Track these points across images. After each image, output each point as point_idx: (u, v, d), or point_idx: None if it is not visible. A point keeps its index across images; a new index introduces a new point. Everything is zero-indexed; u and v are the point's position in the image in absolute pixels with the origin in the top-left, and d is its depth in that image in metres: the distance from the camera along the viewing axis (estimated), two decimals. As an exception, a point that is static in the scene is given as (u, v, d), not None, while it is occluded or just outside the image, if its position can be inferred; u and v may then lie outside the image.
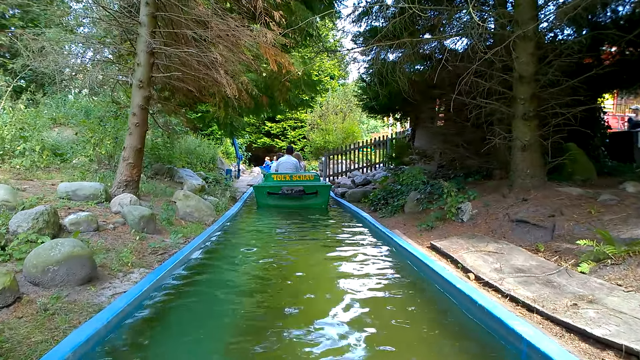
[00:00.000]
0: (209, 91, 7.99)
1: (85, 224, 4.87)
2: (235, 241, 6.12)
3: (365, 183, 12.40)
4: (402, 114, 9.99)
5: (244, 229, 7.15)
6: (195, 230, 6.27)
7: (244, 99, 7.72)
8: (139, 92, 6.69)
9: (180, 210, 6.90)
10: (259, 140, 30.98)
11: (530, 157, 6.19)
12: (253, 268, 4.66)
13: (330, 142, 23.55)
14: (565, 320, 2.95)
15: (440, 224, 6.42)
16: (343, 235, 6.63)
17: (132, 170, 6.81)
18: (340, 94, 27.62)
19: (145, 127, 6.92)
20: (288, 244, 6.01)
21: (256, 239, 6.29)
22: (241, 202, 9.94)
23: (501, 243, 4.92)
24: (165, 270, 4.01)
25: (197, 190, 9.23)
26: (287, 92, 8.09)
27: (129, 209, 5.51)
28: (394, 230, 6.48)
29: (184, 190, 7.09)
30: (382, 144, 15.68)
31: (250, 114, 9.67)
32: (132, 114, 6.74)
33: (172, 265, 4.21)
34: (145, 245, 4.99)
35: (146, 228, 5.47)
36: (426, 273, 4.38)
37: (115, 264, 4.12)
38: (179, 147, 12.88)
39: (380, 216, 8.19)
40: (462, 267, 4.34)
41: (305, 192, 9.82)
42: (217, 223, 6.92)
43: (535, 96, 6.19)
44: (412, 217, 7.46)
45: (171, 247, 5.16)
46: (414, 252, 4.92)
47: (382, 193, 9.21)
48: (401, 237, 6.00)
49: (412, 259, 4.89)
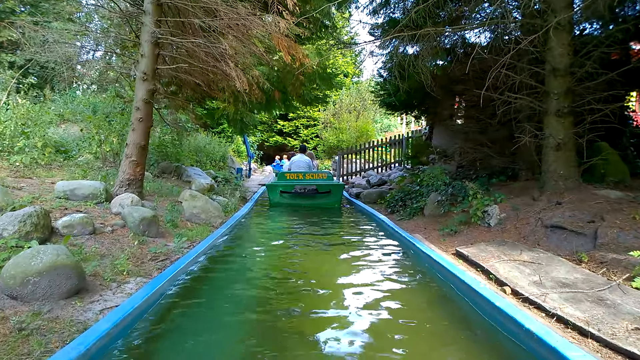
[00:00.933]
0: (218, 85, 7.58)
1: (80, 226, 4.47)
2: (244, 246, 5.70)
3: (380, 183, 11.92)
4: (422, 111, 9.49)
5: (253, 231, 6.72)
6: (202, 233, 5.86)
7: (254, 94, 7.30)
8: (143, 85, 6.30)
9: (186, 212, 6.50)
10: (271, 138, 30.61)
11: (564, 157, 5.69)
12: (263, 278, 4.21)
13: (344, 141, 23.07)
14: (629, 348, 2.49)
15: (464, 229, 5.94)
16: (359, 240, 6.18)
17: (135, 169, 6.43)
18: (354, 92, 27.12)
19: (150, 123, 6.53)
20: (301, 249, 5.57)
21: (266, 244, 5.86)
22: (252, 203, 9.53)
23: (537, 251, 4.43)
24: (164, 280, 3.59)
25: (205, 190, 8.84)
26: (300, 86, 7.63)
27: (129, 210, 5.11)
28: (414, 235, 6.02)
29: (191, 190, 6.69)
30: (397, 143, 15.17)
31: (262, 110, 9.21)
32: (135, 108, 6.35)
33: (173, 274, 3.79)
34: (145, 250, 4.58)
35: (147, 231, 5.06)
36: (455, 285, 3.91)
37: (109, 272, 3.71)
38: (187, 145, 12.52)
39: (398, 219, 7.72)
40: (495, 279, 3.86)
41: (318, 191, 9.73)
42: (225, 225, 6.50)
43: (570, 91, 5.69)
44: (433, 220, 6.98)
45: (174, 252, 4.75)
46: (439, 261, 4.44)
47: (400, 194, 8.74)
48: (423, 242, 5.53)
49: (438, 268, 4.42)
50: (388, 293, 3.77)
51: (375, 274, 4.39)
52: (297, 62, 6.51)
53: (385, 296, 3.68)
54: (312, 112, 29.36)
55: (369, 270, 4.53)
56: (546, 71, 5.76)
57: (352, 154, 15.20)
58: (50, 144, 8.94)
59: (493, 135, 7.53)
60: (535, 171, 7.12)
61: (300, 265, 4.72)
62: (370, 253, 5.34)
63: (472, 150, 7.76)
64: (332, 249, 5.57)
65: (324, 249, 5.55)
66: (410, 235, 5.88)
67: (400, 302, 3.56)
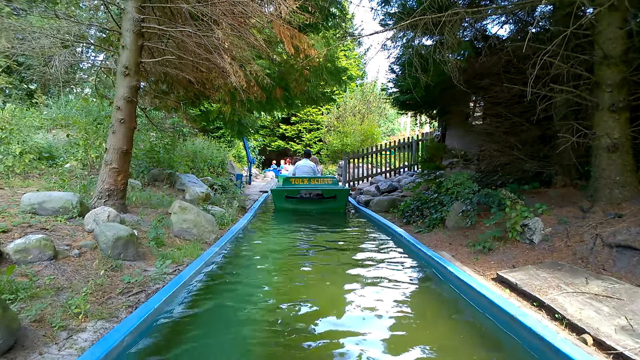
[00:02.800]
0: (213, 84, 6.72)
1: (37, 251, 3.61)
2: (240, 269, 4.80)
3: (391, 190, 11.03)
4: (439, 110, 8.56)
5: (252, 250, 5.82)
6: (192, 252, 4.98)
7: (253, 91, 6.45)
8: (125, 80, 5.45)
9: (175, 226, 5.62)
10: (273, 143, 29.76)
11: (620, 161, 4.79)
12: (264, 318, 3.32)
13: (348, 145, 22.17)
14: None
15: (499, 246, 5.04)
16: (375, 259, 5.29)
17: (117, 177, 5.57)
18: (359, 94, 26.25)
19: (133, 124, 5.67)
20: (308, 273, 4.68)
21: (267, 267, 4.96)
22: (252, 213, 8.64)
23: (607, 280, 3.53)
24: (131, 327, 2.71)
25: (200, 200, 7.98)
26: (305, 82, 6.73)
27: (101, 229, 4.24)
28: (439, 252, 5.13)
29: (180, 201, 5.82)
30: (407, 146, 14.29)
31: (261, 110, 8.29)
32: (115, 107, 5.50)
33: (146, 317, 2.91)
34: (116, 279, 3.70)
35: (123, 253, 4.19)
36: (511, 328, 3.01)
37: (59, 315, 2.83)
38: (183, 150, 11.67)
39: (416, 231, 6.83)
40: (564, 320, 2.98)
41: (323, 195, 9.60)
42: (220, 242, 5.62)
43: (626, 81, 4.80)
44: (458, 234, 6.09)
45: (153, 280, 3.87)
46: (482, 292, 3.55)
47: (416, 203, 7.85)
48: (452, 262, 4.64)
49: (479, 300, 3.55)
50: (419, 334, 2.90)
51: (400, 307, 3.57)
52: (302, 54, 5.67)
53: (416, 338, 2.81)
54: (315, 116, 28.51)
55: (391, 301, 3.70)
56: (596, 58, 4.88)
57: (359, 159, 14.32)
58: (34, 150, 8.14)
59: (523, 136, 6.65)
60: (573, 176, 6.25)
61: (309, 297, 3.82)
62: (390, 277, 4.47)
63: (498, 153, 6.87)
64: (344, 272, 4.68)
65: (336, 273, 4.66)
66: (436, 254, 4.99)
67: (438, 350, 2.68)
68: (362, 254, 5.54)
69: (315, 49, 5.60)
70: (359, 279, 4.38)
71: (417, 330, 3.11)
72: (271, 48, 6.18)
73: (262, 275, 4.51)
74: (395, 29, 6.43)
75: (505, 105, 6.62)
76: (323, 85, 7.75)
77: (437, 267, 4.64)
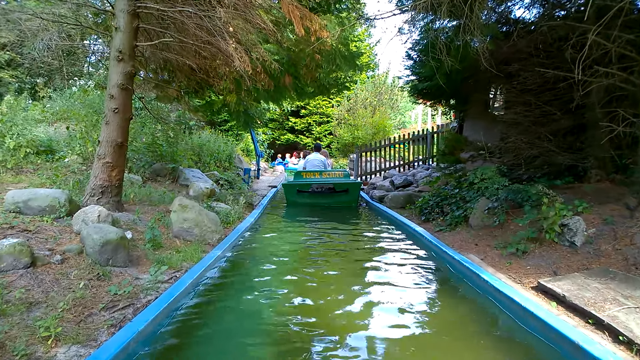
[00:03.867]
0: (217, 72, 6.22)
1: (10, 258, 3.14)
2: (245, 276, 4.32)
3: (406, 184, 10.48)
4: (459, 99, 7.94)
5: (261, 250, 5.32)
6: (192, 255, 4.50)
7: (260, 79, 5.94)
8: (118, 66, 4.97)
9: (175, 226, 5.15)
10: (282, 136, 29.23)
11: (674, 152, 4.23)
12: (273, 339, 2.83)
13: (359, 138, 21.58)
14: None
15: (535, 248, 4.49)
16: (395, 263, 4.78)
17: (111, 172, 5.10)
18: (370, 86, 25.60)
19: (128, 114, 5.19)
20: (321, 281, 4.19)
21: (275, 271, 4.46)
22: (260, 210, 8.15)
23: (676, 293, 2.99)
24: (110, 356, 2.23)
25: (205, 196, 7.50)
26: (316, 68, 6.18)
27: (89, 231, 3.76)
28: (467, 255, 4.61)
29: (181, 198, 5.34)
30: (421, 139, 13.71)
31: (269, 100, 7.74)
32: (108, 96, 5.02)
33: (127, 343, 2.43)
34: (101, 290, 3.23)
35: (113, 258, 3.72)
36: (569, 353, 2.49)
37: (23, 339, 2.36)
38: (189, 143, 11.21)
39: (437, 229, 6.31)
40: (631, 344, 2.45)
41: (335, 189, 9.53)
42: (224, 243, 5.14)
43: (681, 62, 4.23)
44: (484, 233, 5.56)
45: (145, 291, 3.40)
46: (531, 309, 3.03)
47: (435, 199, 7.31)
48: (484, 268, 4.12)
49: (521, 314, 3.04)
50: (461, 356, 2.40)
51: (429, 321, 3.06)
52: (313, 36, 5.13)
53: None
54: (325, 109, 27.91)
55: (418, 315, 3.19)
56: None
57: (371, 152, 13.76)
58: (31, 144, 7.72)
59: (553, 126, 6.08)
60: (609, 170, 5.69)
61: (324, 309, 3.33)
62: (413, 284, 3.98)
63: (526, 144, 6.29)
64: (362, 279, 4.18)
65: (352, 281, 4.15)
66: (464, 258, 4.47)
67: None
68: (380, 257, 5.04)
69: (327, 31, 5.06)
70: (378, 287, 3.88)
71: (457, 351, 2.61)
72: (279, 31, 5.66)
73: (269, 285, 4.00)
74: (414, 10, 5.86)
75: (534, 93, 6.06)
76: (336, 71, 7.18)
77: (466, 272, 4.13)
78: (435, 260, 4.85)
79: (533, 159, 6.33)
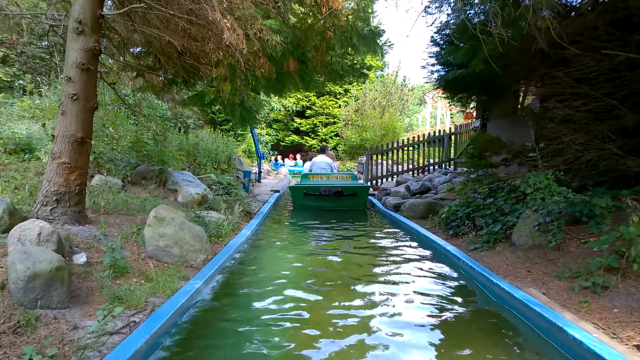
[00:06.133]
0: (210, 58, 5.14)
1: None
2: (236, 314, 3.24)
3: (424, 190, 9.38)
4: (494, 91, 6.75)
5: (255, 280, 4.20)
6: (165, 284, 3.42)
7: (259, 64, 4.86)
8: (78, 40, 3.92)
9: (149, 244, 4.07)
10: (287, 137, 28.13)
11: None
12: None
13: (368, 140, 20.50)
14: None
15: (617, 281, 3.40)
16: (430, 299, 3.69)
17: (69, 176, 4.04)
18: (379, 86, 24.49)
19: (92, 103, 4.13)
20: (335, 322, 3.10)
21: (275, 310, 3.37)
22: (259, 219, 7.04)
23: None
24: None
25: (195, 203, 6.45)
26: (327, 50, 5.07)
27: (12, 258, 2.69)
28: (526, 290, 3.52)
29: (158, 210, 4.26)
30: (437, 140, 12.62)
31: (270, 91, 6.53)
32: (65, 79, 3.97)
33: None
34: (12, 354, 2.15)
35: (44, 298, 2.65)
36: None
37: None
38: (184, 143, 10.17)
39: (470, 248, 5.21)
40: None
41: (343, 193, 9.31)
42: (209, 267, 4.04)
43: None
44: (535, 255, 4.47)
45: (81, 351, 2.32)
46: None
47: (464, 209, 6.22)
48: (559, 312, 3.02)
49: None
50: None
51: None
52: (324, 7, 4.06)
53: None
54: (331, 109, 26.77)
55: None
56: None
57: (382, 154, 12.67)
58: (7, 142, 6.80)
59: (615, 123, 5.00)
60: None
61: None
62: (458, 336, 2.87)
63: (582, 146, 5.20)
64: (389, 323, 3.09)
65: (376, 326, 3.06)
66: (527, 296, 3.35)
67: None
68: (408, 287, 3.95)
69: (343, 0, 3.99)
70: (414, 333, 2.79)
71: None
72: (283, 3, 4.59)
73: (267, 335, 2.91)
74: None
75: (593, 83, 4.98)
76: (352, 55, 6.05)
77: (535, 320, 3.01)
78: (479, 293, 3.76)
79: (592, 164, 5.22)
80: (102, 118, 6.56)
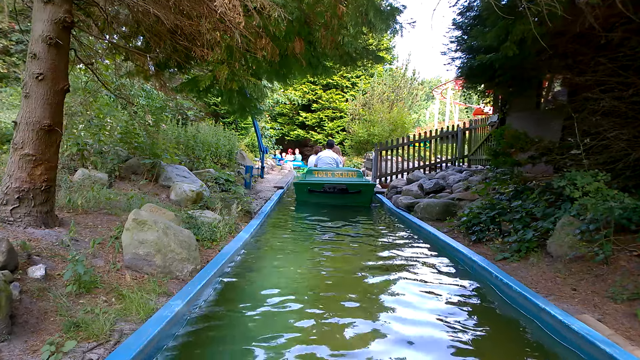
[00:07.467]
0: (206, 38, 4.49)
1: None
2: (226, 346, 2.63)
3: (438, 189, 8.72)
4: (524, 81, 6.02)
5: (251, 294, 3.58)
6: (139, 305, 2.81)
7: (260, 44, 4.23)
8: (45, 11, 3.31)
9: (127, 251, 3.46)
10: (292, 132, 27.51)
11: None
12: None
13: (375, 135, 19.83)
14: None
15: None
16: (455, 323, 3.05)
17: (34, 170, 3.44)
18: (388, 79, 23.77)
19: (62, 84, 3.52)
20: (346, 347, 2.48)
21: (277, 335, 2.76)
22: (260, 219, 6.41)
23: None
24: None
25: (190, 201, 5.84)
26: (338, 28, 4.41)
27: None
28: (580, 317, 2.89)
29: (138, 211, 3.64)
30: (451, 136, 11.96)
31: (273, 76, 5.76)
32: (30, 56, 3.36)
33: None
34: None
35: (-29, 331, 2.04)
36: None
37: None
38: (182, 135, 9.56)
39: (499, 258, 4.56)
40: None
41: (348, 190, 9.10)
42: (195, 282, 3.40)
43: None
44: (578, 269, 3.84)
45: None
46: None
47: (487, 212, 5.59)
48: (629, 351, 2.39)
49: None
50: None
51: None
52: (337, -25, 3.40)
53: None
54: (338, 103, 26.08)
55: None
56: None
57: (392, 150, 12.00)
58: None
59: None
60: None
61: None
62: None
63: (627, 143, 4.54)
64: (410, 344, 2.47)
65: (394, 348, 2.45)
66: (586, 327, 2.71)
67: None
68: (428, 303, 3.34)
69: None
70: None
71: None
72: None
73: None
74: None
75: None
76: (367, 33, 5.37)
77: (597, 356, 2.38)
78: (524, 321, 3.12)
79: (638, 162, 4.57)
80: (87, 105, 5.95)
